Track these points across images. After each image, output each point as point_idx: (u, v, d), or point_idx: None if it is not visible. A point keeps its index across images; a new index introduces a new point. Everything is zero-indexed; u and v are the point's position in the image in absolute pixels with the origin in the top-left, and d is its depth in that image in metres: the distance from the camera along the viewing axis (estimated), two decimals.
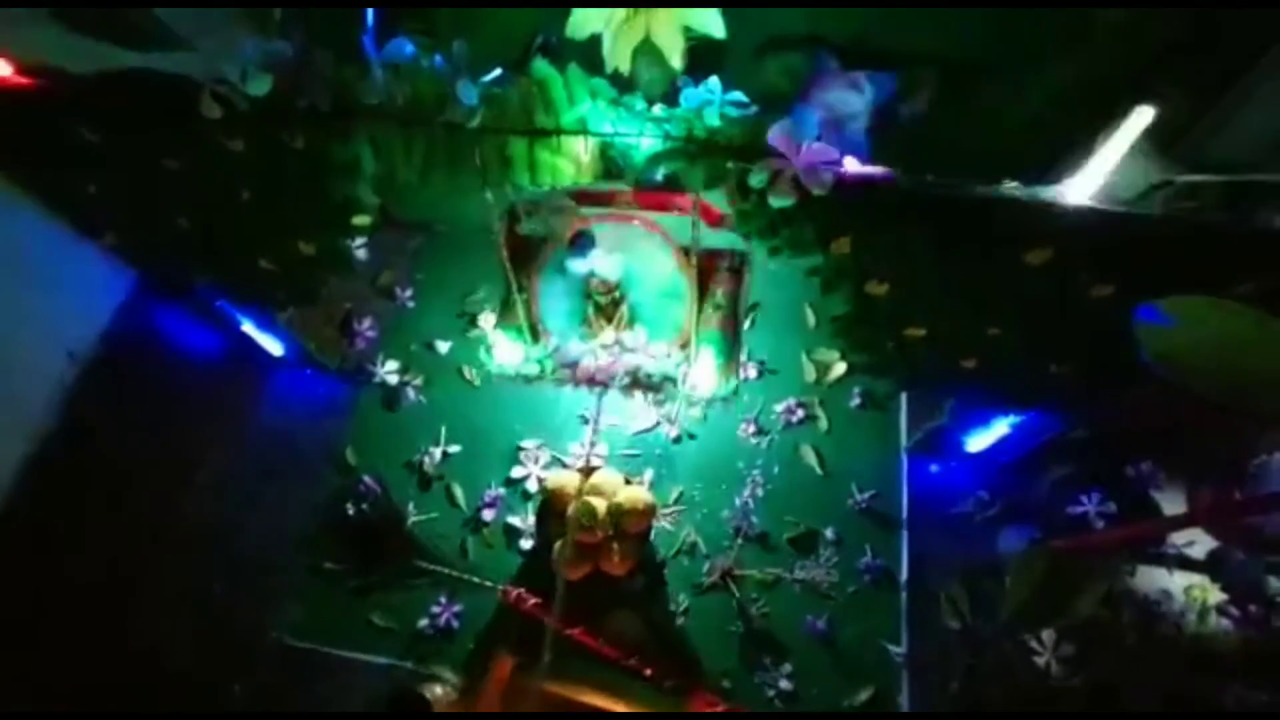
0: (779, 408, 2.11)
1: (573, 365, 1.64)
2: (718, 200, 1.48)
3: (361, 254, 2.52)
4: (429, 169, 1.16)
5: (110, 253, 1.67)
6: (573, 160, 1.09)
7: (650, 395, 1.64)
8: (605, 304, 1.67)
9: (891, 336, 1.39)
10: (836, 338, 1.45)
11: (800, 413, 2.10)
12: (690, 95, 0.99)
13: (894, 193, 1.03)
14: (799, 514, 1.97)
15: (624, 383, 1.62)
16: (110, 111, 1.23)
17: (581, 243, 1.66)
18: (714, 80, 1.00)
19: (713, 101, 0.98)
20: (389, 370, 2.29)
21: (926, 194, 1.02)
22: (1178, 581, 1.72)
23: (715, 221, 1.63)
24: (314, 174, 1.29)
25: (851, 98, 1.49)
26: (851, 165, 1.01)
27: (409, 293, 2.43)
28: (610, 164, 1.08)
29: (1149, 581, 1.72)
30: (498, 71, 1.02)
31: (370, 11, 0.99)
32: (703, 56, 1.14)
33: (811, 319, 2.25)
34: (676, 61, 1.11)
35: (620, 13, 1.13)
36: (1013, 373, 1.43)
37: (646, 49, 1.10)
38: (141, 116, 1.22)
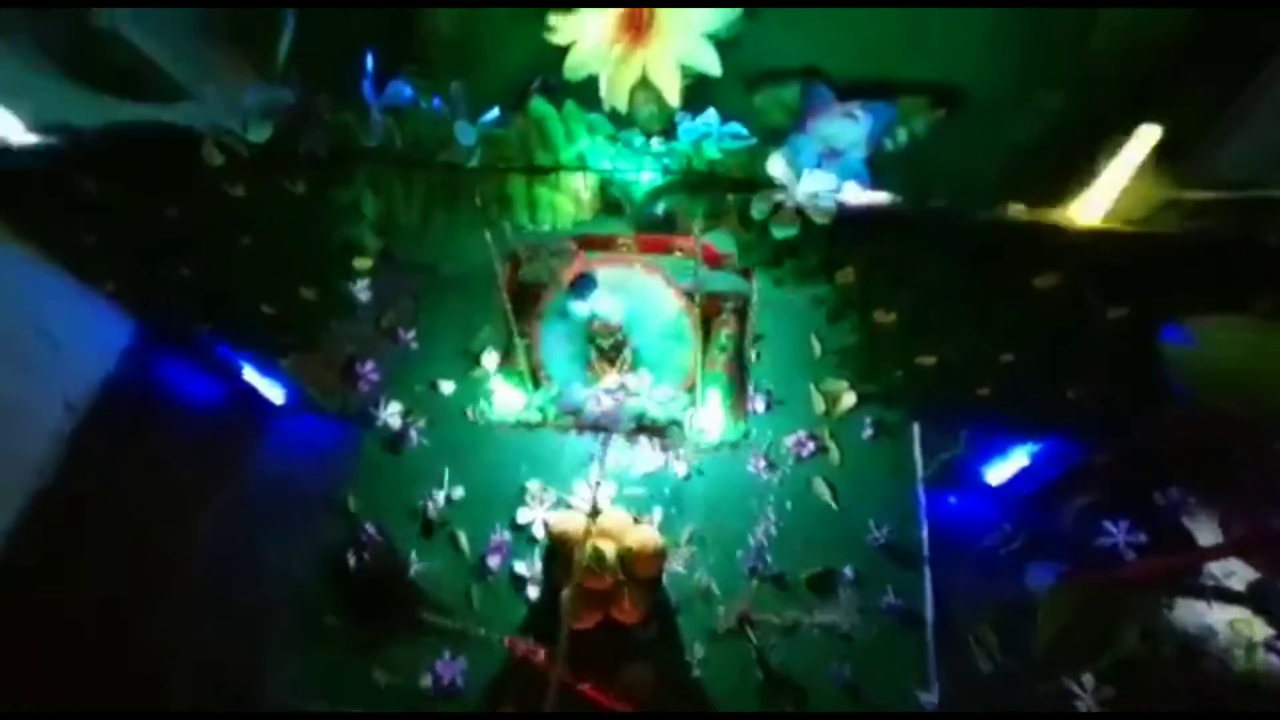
0: (789, 441, 2.06)
1: (576, 411, 1.60)
2: (720, 240, 1.48)
3: (364, 296, 2.52)
4: (429, 210, 1.16)
5: (111, 301, 1.67)
6: (572, 197, 1.08)
7: (656, 440, 1.60)
8: (608, 348, 1.65)
9: (901, 365, 1.36)
10: (844, 368, 1.42)
11: (811, 445, 2.05)
12: (688, 129, 0.99)
13: (898, 220, 1.02)
14: (815, 552, 1.90)
15: (629, 427, 1.58)
16: (111, 161, 1.24)
17: (583, 285, 1.65)
18: (711, 112, 1.00)
19: (711, 134, 0.98)
20: (392, 413, 2.25)
21: (932, 220, 1.00)
22: (1219, 616, 1.63)
23: (717, 262, 1.63)
24: (314, 218, 1.29)
25: (848, 128, 1.50)
26: (853, 193, 1.00)
27: (412, 334, 2.42)
28: (610, 200, 1.08)
29: (1189, 616, 1.63)
30: (495, 112, 1.03)
31: (370, 55, 1.00)
32: (696, 92, 1.16)
33: (818, 349, 2.22)
34: (674, 99, 1.11)
35: (616, 52, 1.15)
36: (1029, 399, 1.40)
37: (644, 87, 1.11)
38: (142, 166, 1.23)
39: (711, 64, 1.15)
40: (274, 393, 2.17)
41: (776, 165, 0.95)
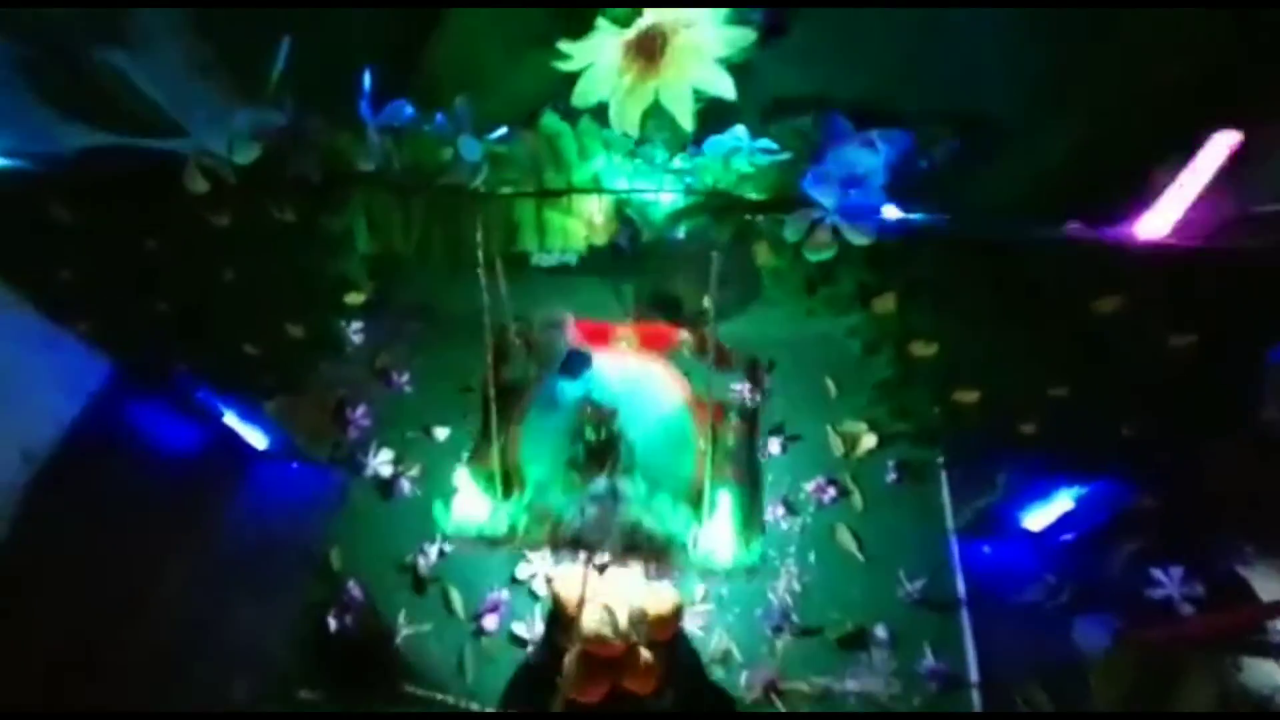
0: (808, 486, 1.93)
1: (554, 521, 1.29)
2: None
3: (356, 338, 2.44)
4: (427, 239, 1.07)
5: (82, 342, 1.55)
6: (585, 221, 1.00)
7: (653, 566, 1.27)
8: (597, 444, 1.37)
9: (939, 402, 1.25)
10: (879, 405, 1.31)
11: (832, 491, 1.92)
12: (716, 143, 0.91)
13: (943, 240, 0.93)
14: (844, 609, 1.74)
15: (618, 546, 1.25)
16: (87, 189, 1.15)
17: (575, 362, 1.43)
18: (740, 128, 0.92)
19: (741, 149, 0.90)
20: (382, 461, 2.12)
21: (980, 240, 0.92)
22: None
23: (724, 361, 1.40)
24: (303, 249, 1.20)
25: (866, 157, 1.44)
26: (893, 213, 0.92)
27: (405, 377, 2.30)
28: (627, 224, 0.99)
29: (1259, 677, 1.48)
30: (503, 130, 0.95)
31: (367, 74, 0.92)
32: (709, 120, 1.09)
33: (833, 390, 2.12)
34: (688, 124, 1.05)
35: (628, 79, 1.09)
36: (1078, 437, 1.29)
37: (655, 114, 1.04)
38: (121, 193, 1.15)
39: (727, 89, 1.09)
40: (255, 438, 2.03)
41: (814, 182, 0.86)
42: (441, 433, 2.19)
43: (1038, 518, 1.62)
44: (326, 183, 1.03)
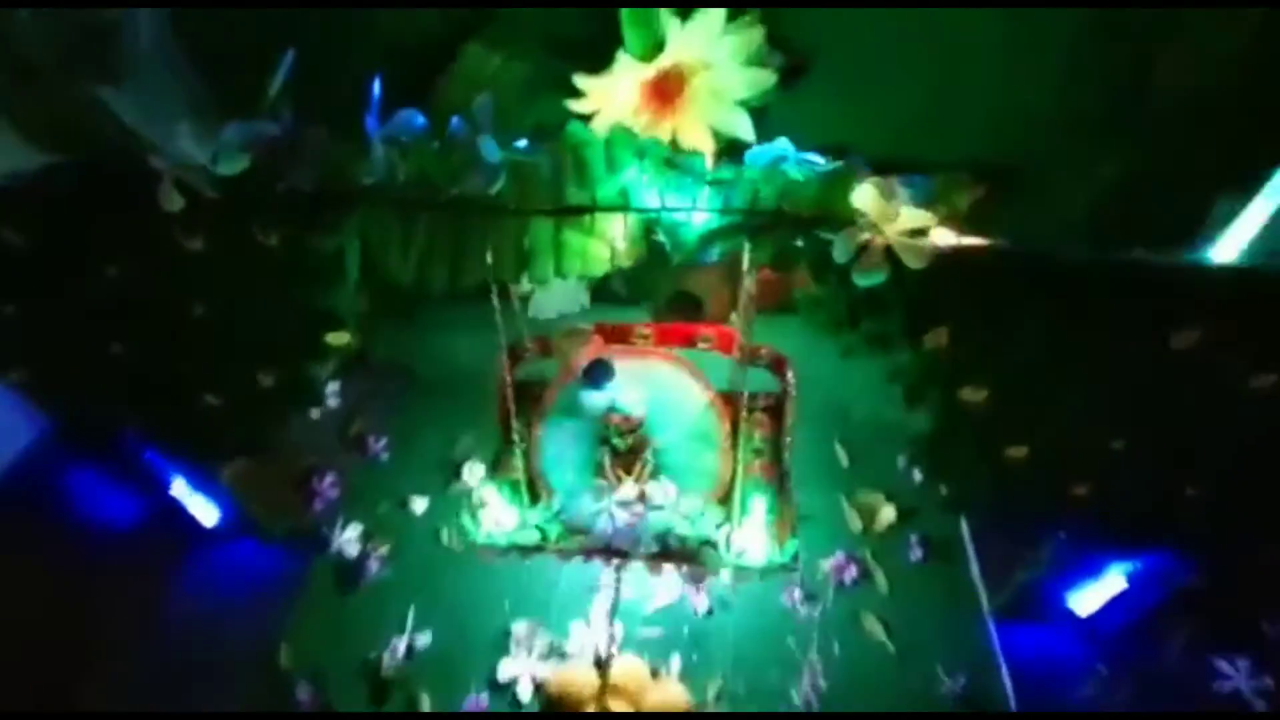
0: (826, 565, 1.75)
1: (584, 529, 1.29)
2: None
3: (332, 401, 2.26)
4: (429, 262, 0.96)
5: (15, 393, 1.36)
6: (608, 242, 0.90)
7: (686, 567, 1.26)
8: (625, 450, 1.34)
9: (987, 458, 1.13)
10: (914, 464, 1.18)
11: (853, 570, 1.74)
12: (760, 153, 0.84)
13: (1002, 266, 0.85)
14: (877, 709, 1.51)
15: (650, 550, 1.26)
16: (41, 208, 1.03)
17: (599, 372, 1.37)
18: (783, 139, 0.86)
19: (786, 157, 0.83)
20: (349, 538, 1.88)
21: (1041, 268, 0.84)
22: None
23: (749, 357, 1.40)
24: (286, 279, 1.08)
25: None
26: (948, 236, 0.84)
27: (383, 443, 2.11)
28: (655, 246, 0.90)
29: None
30: (523, 142, 0.87)
31: (377, 83, 0.85)
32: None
33: (844, 458, 1.99)
34: (707, 163, 0.99)
35: (644, 120, 1.05)
36: (1136, 499, 1.16)
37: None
38: (80, 212, 1.03)
39: (746, 130, 1.05)
40: (205, 512, 1.79)
41: (866, 195, 0.79)
42: (420, 504, 1.97)
43: (1087, 599, 1.46)
44: (321, 198, 0.93)
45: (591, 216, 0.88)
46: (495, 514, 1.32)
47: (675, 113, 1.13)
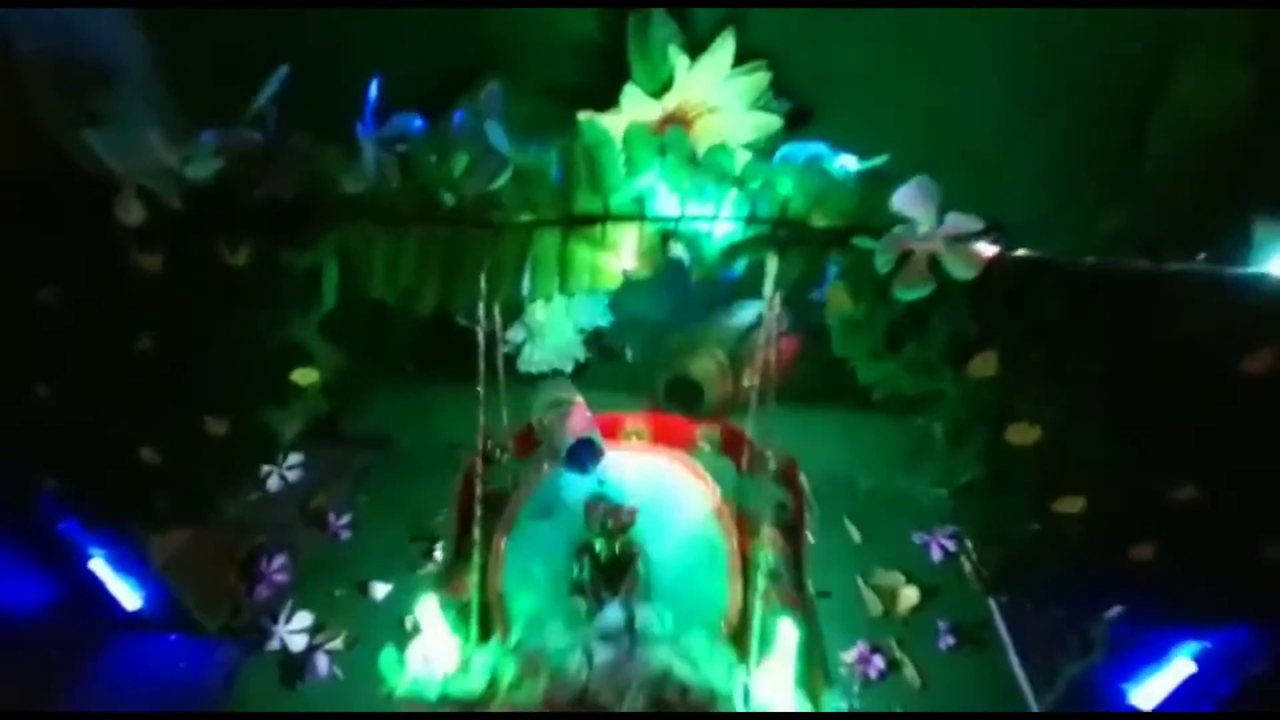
0: (848, 657, 1.54)
1: (550, 672, 0.96)
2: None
3: (292, 475, 2.05)
4: (419, 280, 0.85)
5: None
6: (620, 255, 0.81)
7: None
8: (610, 559, 1.08)
9: (1036, 514, 1.00)
10: (958, 522, 1.04)
11: (878, 662, 1.53)
12: (794, 151, 0.78)
13: (1061, 280, 0.78)
14: None
15: (641, 705, 0.91)
16: None
17: (584, 453, 1.17)
18: (818, 144, 0.80)
19: (822, 157, 0.77)
20: (294, 629, 1.62)
21: (1105, 282, 0.77)
22: None
23: (755, 462, 1.20)
24: (250, 304, 0.96)
25: None
26: (987, 249, 0.77)
27: (345, 520, 1.89)
28: (672, 258, 0.81)
29: None
30: (532, 148, 0.80)
31: (374, 85, 0.79)
32: None
33: (855, 534, 1.83)
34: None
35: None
36: (1205, 561, 1.03)
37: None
38: (18, 225, 0.91)
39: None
40: (125, 595, 1.53)
41: (908, 197, 0.72)
42: (381, 590, 1.73)
43: (1150, 689, 1.28)
44: (301, 207, 0.84)
45: (603, 227, 0.80)
46: (432, 647, 1.00)
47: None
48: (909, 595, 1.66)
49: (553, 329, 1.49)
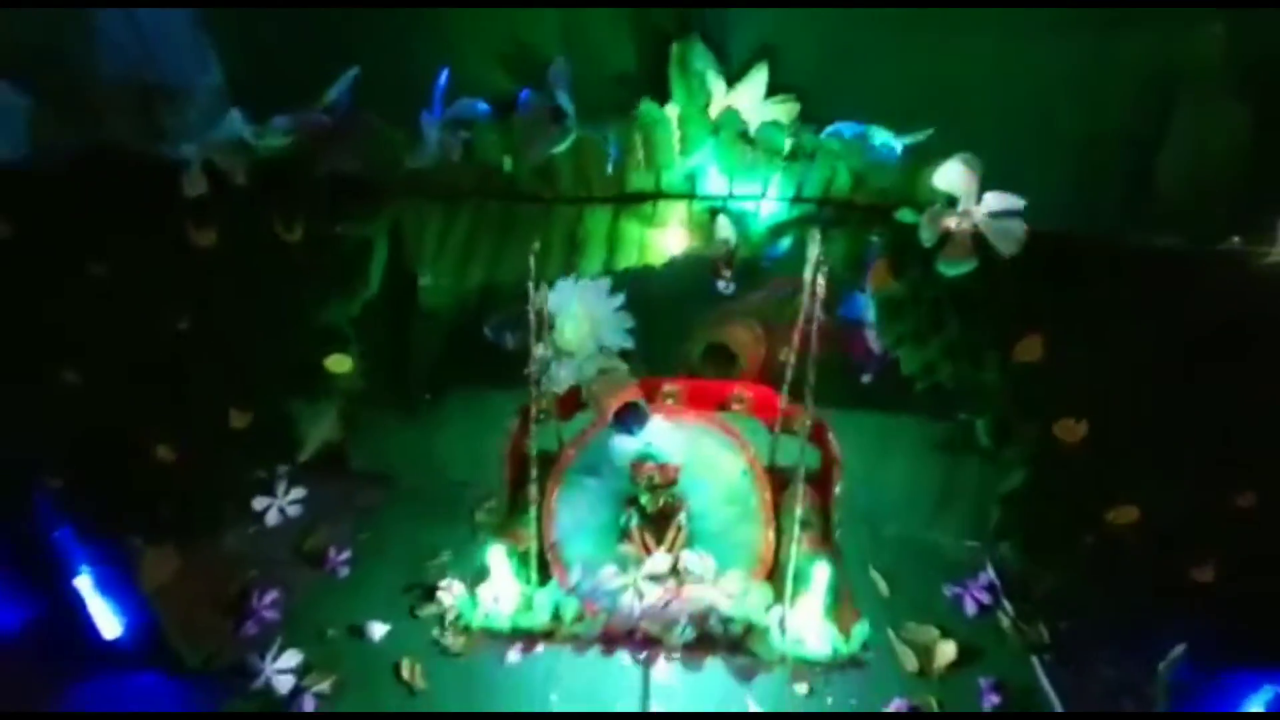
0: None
1: (606, 607, 1.04)
2: None
3: (293, 510, 1.97)
4: (468, 254, 0.87)
5: None
6: (669, 231, 0.83)
7: (735, 656, 1.00)
8: (656, 512, 1.16)
9: (1088, 525, 0.96)
10: (1000, 538, 1.00)
11: None
12: (841, 129, 0.81)
13: (1110, 259, 0.79)
14: None
15: (687, 636, 1.01)
16: (44, 192, 0.94)
17: (631, 416, 1.24)
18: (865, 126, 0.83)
19: (868, 133, 0.80)
20: (282, 667, 1.49)
21: (1154, 261, 0.78)
22: None
23: (788, 421, 1.27)
24: (296, 284, 0.97)
25: None
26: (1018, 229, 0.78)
27: (344, 556, 1.80)
28: (719, 235, 0.83)
29: None
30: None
31: (444, 74, 0.85)
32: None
33: (883, 585, 1.73)
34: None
35: None
36: (1273, 585, 0.98)
37: None
38: (84, 199, 0.94)
39: None
40: (106, 622, 1.42)
41: (950, 174, 0.75)
42: (378, 630, 1.61)
43: None
44: (361, 182, 0.87)
45: (653, 205, 0.83)
46: (497, 588, 1.06)
47: None
48: (946, 651, 1.55)
49: (579, 349, 1.49)
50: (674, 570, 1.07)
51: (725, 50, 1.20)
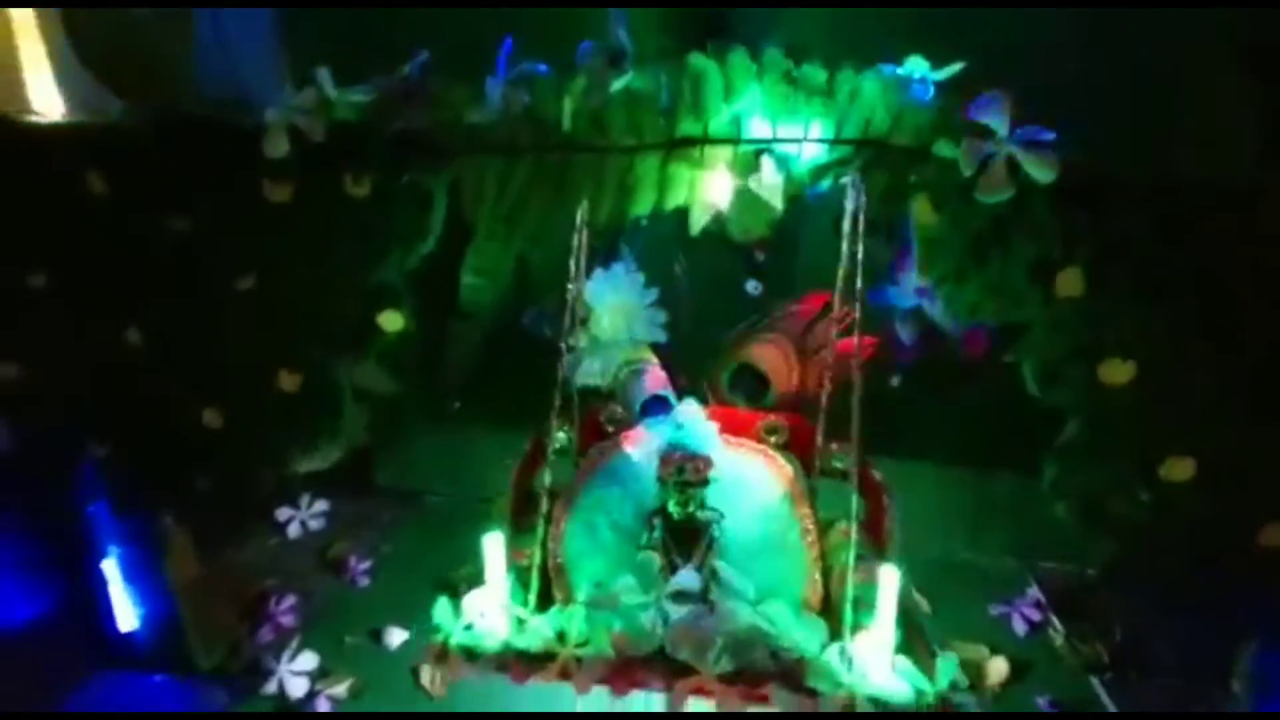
0: None
1: (624, 630, 0.85)
2: None
3: (314, 523, 1.95)
4: (524, 200, 0.93)
5: None
6: (716, 174, 0.89)
7: (784, 694, 0.80)
8: (685, 519, 1.00)
9: (1141, 477, 0.93)
10: (1054, 497, 0.97)
11: None
12: (880, 68, 0.86)
13: (1147, 194, 0.82)
14: None
15: (725, 666, 0.80)
16: (135, 153, 1.03)
17: (657, 411, 1.16)
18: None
19: (911, 79, 0.85)
20: (297, 669, 1.42)
21: (1194, 192, 0.81)
22: None
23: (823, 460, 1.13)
24: (356, 239, 1.02)
25: None
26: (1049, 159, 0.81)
27: (365, 565, 1.75)
28: (764, 177, 0.88)
29: None
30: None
31: (508, 42, 0.94)
32: None
33: (924, 604, 1.64)
34: (778, 204, 1.03)
35: None
36: None
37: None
38: (169, 159, 1.02)
39: None
40: (125, 610, 1.39)
41: (983, 107, 0.80)
42: (397, 637, 1.54)
43: None
44: (429, 137, 0.94)
45: (701, 150, 0.88)
46: (485, 601, 0.93)
47: None
48: (998, 668, 1.44)
49: (613, 343, 1.52)
50: (705, 592, 0.89)
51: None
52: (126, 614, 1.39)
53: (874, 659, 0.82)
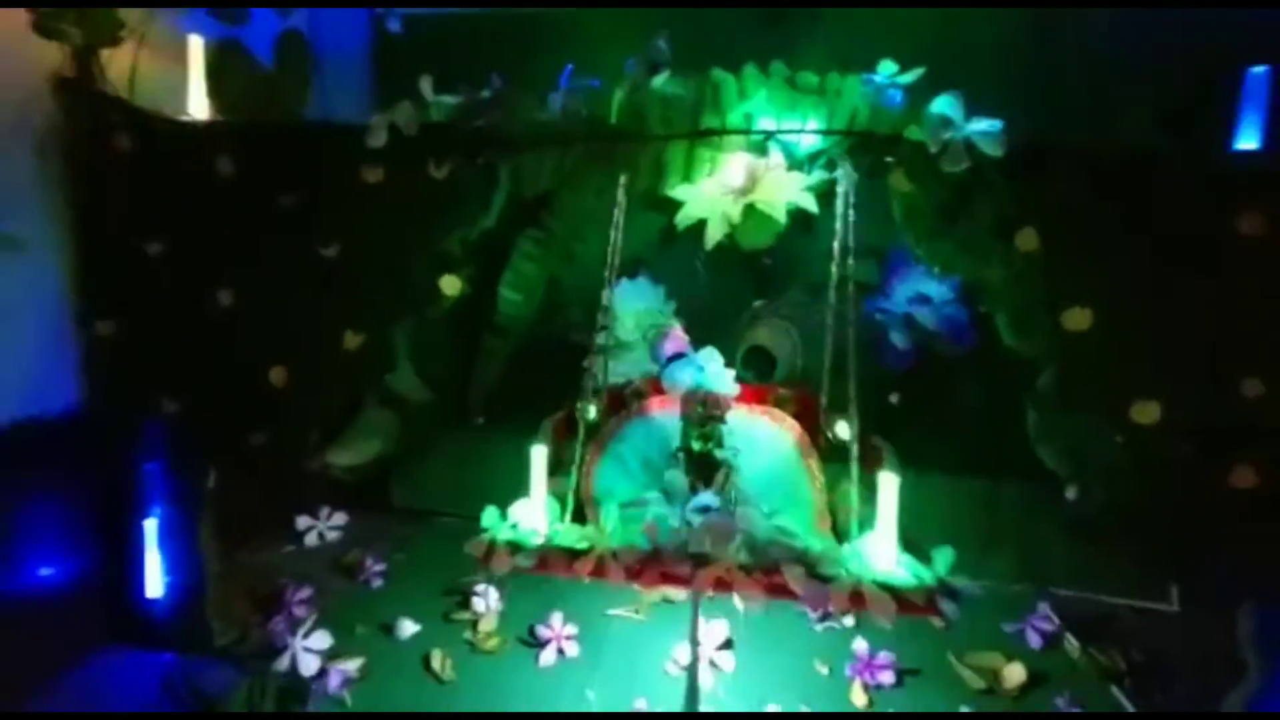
0: None
1: (653, 529, 0.97)
2: None
3: (332, 535, 1.98)
4: (578, 176, 1.14)
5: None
6: (732, 156, 1.10)
7: (800, 579, 0.89)
8: (705, 454, 1.15)
9: (1112, 421, 1.04)
10: (1037, 442, 1.08)
11: None
12: (865, 79, 1.09)
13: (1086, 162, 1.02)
14: None
15: (744, 557, 0.91)
16: (262, 144, 1.27)
17: (681, 359, 1.32)
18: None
19: (879, 83, 1.08)
20: (310, 646, 1.42)
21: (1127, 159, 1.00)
22: None
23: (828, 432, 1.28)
24: (428, 213, 1.22)
25: (932, 284, 1.62)
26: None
27: (379, 568, 1.77)
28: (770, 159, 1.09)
29: None
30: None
31: (569, 68, 1.20)
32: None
33: (937, 620, 1.63)
34: (781, 217, 1.26)
35: (725, 201, 1.33)
36: None
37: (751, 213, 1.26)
38: (288, 149, 1.26)
39: (811, 204, 1.37)
40: (154, 574, 1.42)
41: (942, 103, 1.03)
42: (408, 628, 1.54)
43: None
44: (501, 132, 1.18)
45: (719, 138, 1.11)
46: (531, 507, 1.06)
47: (752, 194, 1.46)
48: (1014, 672, 1.42)
49: (637, 341, 1.67)
50: (729, 498, 1.04)
51: None
52: (155, 579, 1.43)
53: (879, 553, 0.91)
